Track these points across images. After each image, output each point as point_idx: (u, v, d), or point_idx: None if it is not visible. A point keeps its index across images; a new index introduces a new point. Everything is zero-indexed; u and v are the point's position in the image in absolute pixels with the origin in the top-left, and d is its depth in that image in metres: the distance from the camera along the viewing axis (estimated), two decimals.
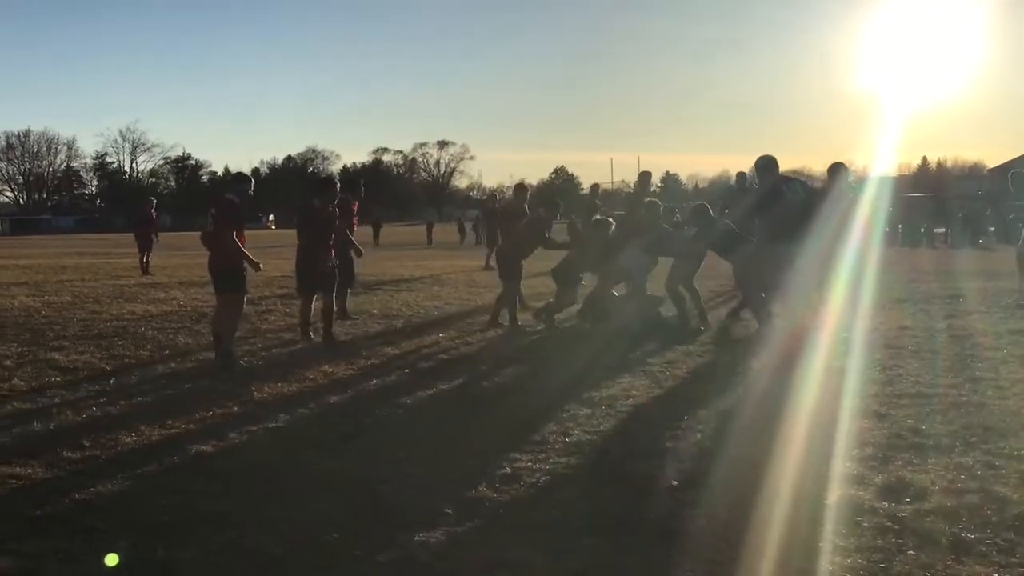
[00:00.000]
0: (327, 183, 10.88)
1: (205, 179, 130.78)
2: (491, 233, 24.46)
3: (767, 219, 10.00)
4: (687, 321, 11.41)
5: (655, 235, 11.52)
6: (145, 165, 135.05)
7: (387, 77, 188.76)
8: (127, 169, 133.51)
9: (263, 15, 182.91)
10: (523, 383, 8.31)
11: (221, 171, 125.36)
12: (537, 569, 4.03)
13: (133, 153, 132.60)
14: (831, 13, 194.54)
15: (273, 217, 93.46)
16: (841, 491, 4.97)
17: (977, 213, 40.51)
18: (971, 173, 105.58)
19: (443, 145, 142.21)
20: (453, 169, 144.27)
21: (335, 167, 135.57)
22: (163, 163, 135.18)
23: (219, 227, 9.05)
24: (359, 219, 13.27)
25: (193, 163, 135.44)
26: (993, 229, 39.94)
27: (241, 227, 9.14)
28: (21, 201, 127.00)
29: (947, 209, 40.31)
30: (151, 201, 24.17)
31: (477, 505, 4.86)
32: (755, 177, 10.57)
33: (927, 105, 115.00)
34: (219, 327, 9.18)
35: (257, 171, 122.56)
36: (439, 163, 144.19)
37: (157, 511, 4.83)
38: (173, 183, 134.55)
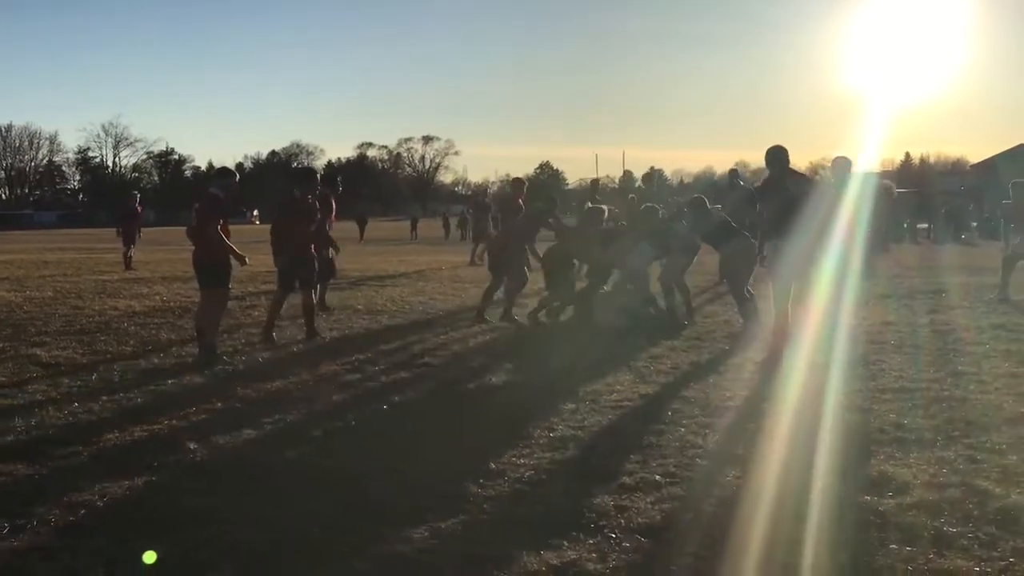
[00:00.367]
0: (307, 173, 10.82)
1: (188, 174, 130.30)
2: (478, 228, 24.48)
3: (767, 212, 9.95)
4: (674, 316, 11.43)
5: (652, 231, 11.53)
6: (128, 160, 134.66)
7: (372, 72, 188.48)
8: (110, 164, 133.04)
9: (248, 9, 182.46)
10: (508, 379, 8.31)
11: (205, 166, 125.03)
12: (520, 564, 4.02)
13: (116, 148, 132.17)
14: (817, 11, 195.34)
15: (258, 212, 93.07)
16: (824, 485, 4.98)
17: (960, 209, 40.71)
18: (954, 169, 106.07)
19: (428, 140, 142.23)
20: (438, 164, 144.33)
21: (319, 162, 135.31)
22: (146, 158, 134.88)
23: (203, 221, 9.01)
24: (339, 214, 13.27)
25: (176, 158, 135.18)
26: (975, 224, 40.18)
27: (226, 221, 9.10)
28: (3, 196, 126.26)
29: (930, 205, 40.43)
30: (135, 195, 24.03)
31: (461, 501, 4.85)
32: (765, 168, 10.38)
33: (911, 101, 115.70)
34: (202, 322, 9.14)
35: (241, 166, 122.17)
36: (424, 158, 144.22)
37: (141, 508, 4.81)
38: (156, 178, 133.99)
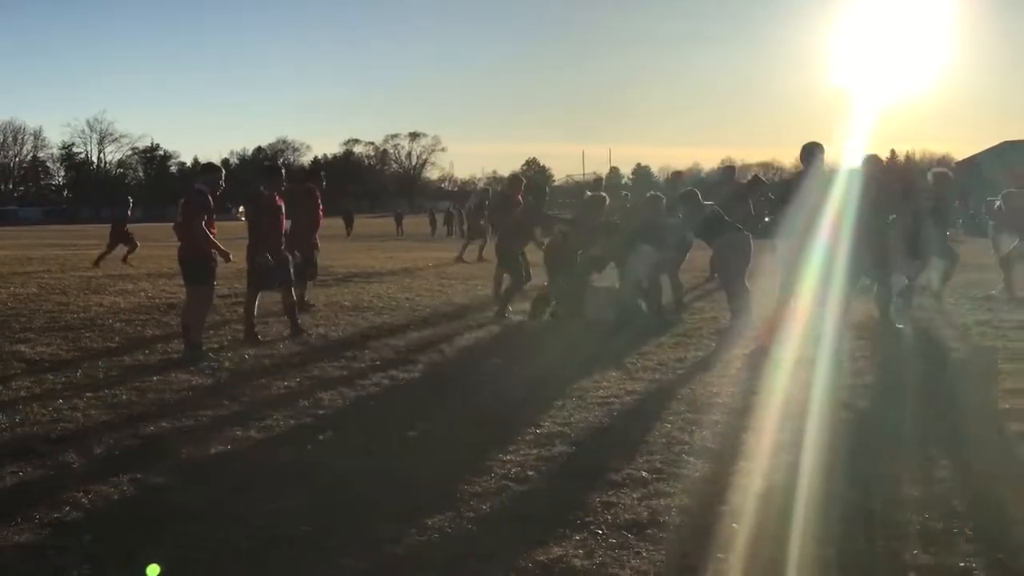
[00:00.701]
0: (272, 170, 10.69)
1: (174, 170, 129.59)
2: (474, 225, 24.56)
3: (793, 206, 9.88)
4: (659, 313, 11.44)
5: (647, 226, 11.50)
6: (113, 156, 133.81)
7: (359, 68, 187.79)
8: (95, 160, 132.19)
9: (234, 5, 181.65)
10: (495, 375, 8.30)
11: (190, 162, 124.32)
12: (507, 561, 4.02)
13: (101, 144, 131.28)
14: (804, 9, 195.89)
15: (243, 208, 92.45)
16: (809, 481, 5.00)
17: (946, 205, 40.78)
18: (939, 166, 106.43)
19: (414, 137, 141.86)
20: (424, 161, 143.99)
21: (306, 158, 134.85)
22: (131, 154, 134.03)
23: (188, 217, 8.97)
24: (326, 211, 13.27)
25: (162, 154, 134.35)
26: (960, 221, 40.34)
27: (211, 217, 9.05)
28: None
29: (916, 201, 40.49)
30: (129, 202, 23.79)
31: (448, 498, 4.84)
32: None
33: (896, 99, 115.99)
34: (188, 318, 9.11)
35: (227, 162, 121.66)
36: (410, 155, 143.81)
37: (125, 504, 4.79)
38: (142, 174, 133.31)
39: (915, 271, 10.19)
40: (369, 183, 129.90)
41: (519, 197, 12.87)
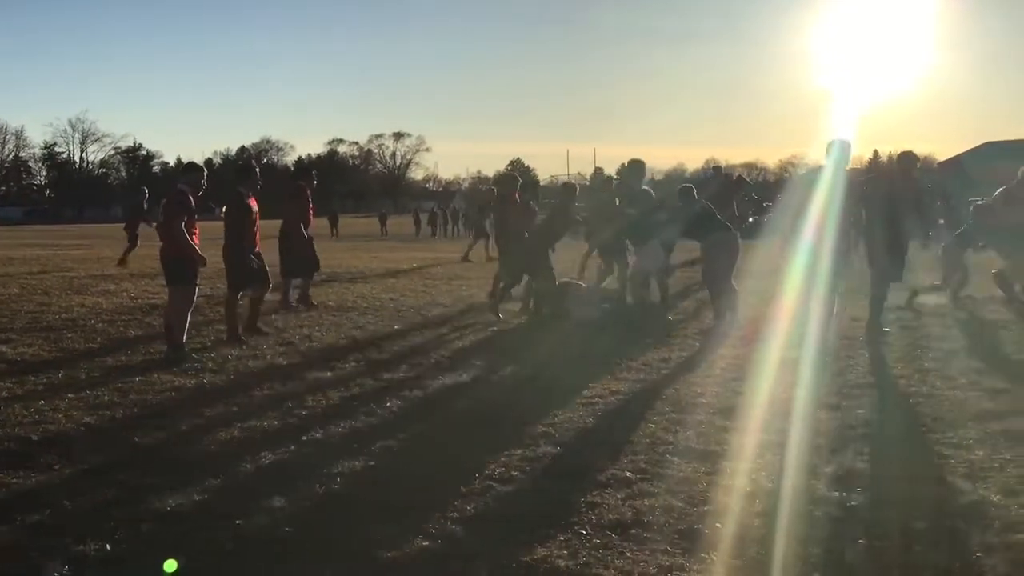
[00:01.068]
0: (247, 169, 10.67)
1: (157, 170, 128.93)
2: (478, 225, 25.03)
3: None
4: (646, 312, 11.45)
5: (639, 220, 11.51)
6: (95, 155, 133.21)
7: (343, 68, 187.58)
8: (77, 159, 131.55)
9: (217, 5, 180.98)
10: (479, 376, 8.29)
11: (173, 162, 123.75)
12: (491, 561, 4.02)
13: (83, 143, 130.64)
14: (788, 9, 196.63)
15: (224, 209, 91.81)
16: (793, 481, 5.01)
17: (927, 206, 41.02)
18: (922, 166, 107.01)
19: (399, 136, 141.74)
20: (409, 161, 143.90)
21: (289, 158, 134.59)
22: (114, 153, 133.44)
23: (168, 217, 8.93)
24: (315, 209, 13.34)
25: (145, 153, 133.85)
26: (943, 221, 40.55)
27: (192, 217, 9.02)
28: None
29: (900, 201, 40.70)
30: (143, 191, 23.22)
31: (431, 498, 4.83)
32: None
33: (879, 99, 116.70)
34: (171, 319, 9.07)
35: (210, 162, 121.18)
36: (395, 155, 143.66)
37: (106, 505, 4.76)
38: (124, 174, 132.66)
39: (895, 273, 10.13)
40: (353, 183, 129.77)
41: (516, 196, 12.87)
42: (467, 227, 56.67)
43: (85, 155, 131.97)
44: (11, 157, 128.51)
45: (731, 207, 12.28)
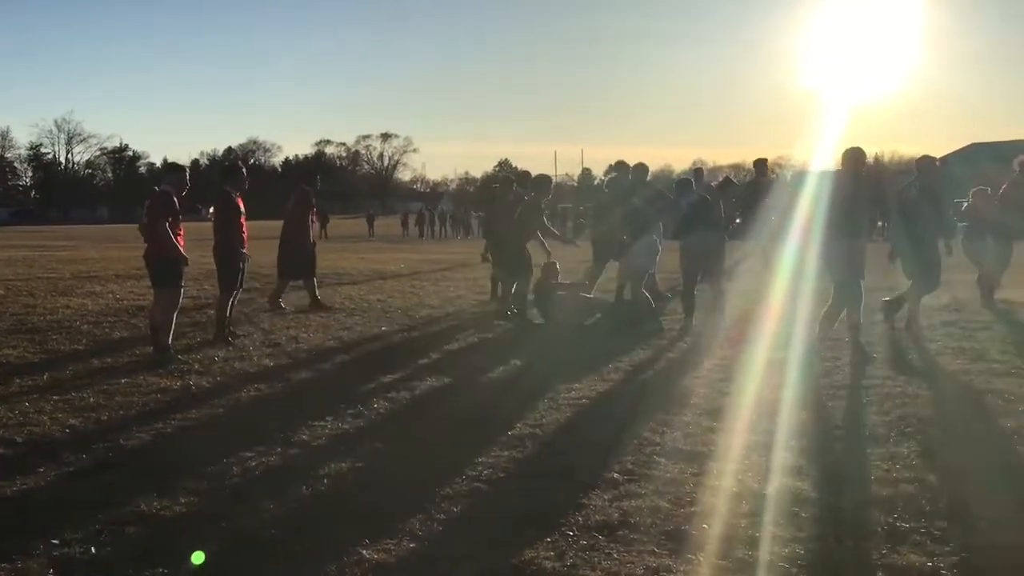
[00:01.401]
0: (234, 169, 10.68)
1: (143, 170, 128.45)
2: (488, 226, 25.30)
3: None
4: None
5: (639, 210, 11.48)
6: (81, 156, 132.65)
7: (330, 68, 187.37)
8: (63, 160, 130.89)
9: (203, 5, 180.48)
10: (466, 377, 8.28)
11: (160, 162, 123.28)
12: (477, 562, 4.01)
13: (69, 144, 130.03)
14: (774, 11, 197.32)
15: (213, 209, 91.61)
16: (779, 481, 5.03)
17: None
18: (908, 167, 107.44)
19: (386, 137, 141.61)
20: (396, 162, 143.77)
21: (277, 159, 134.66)
22: (100, 154, 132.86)
23: (152, 218, 8.91)
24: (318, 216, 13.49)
25: (131, 154, 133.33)
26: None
27: (177, 218, 8.99)
28: None
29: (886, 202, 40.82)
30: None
31: (418, 499, 4.83)
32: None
33: (866, 100, 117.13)
34: (156, 320, 9.04)
35: (197, 162, 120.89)
36: (382, 155, 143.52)
37: (90, 508, 4.73)
38: (110, 174, 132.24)
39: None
40: (341, 184, 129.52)
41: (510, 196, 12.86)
42: (454, 228, 57.08)
43: (71, 156, 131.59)
44: None
45: (718, 208, 12.25)
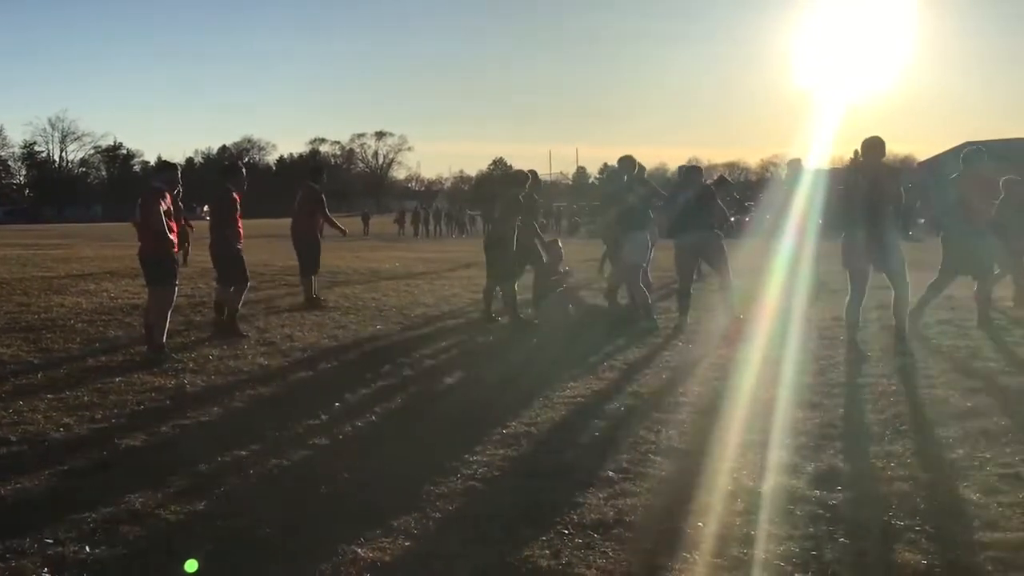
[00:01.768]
0: (234, 168, 10.84)
1: (137, 169, 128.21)
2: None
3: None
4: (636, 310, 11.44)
5: (635, 206, 11.47)
6: (75, 155, 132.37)
7: (324, 67, 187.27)
8: (57, 159, 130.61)
9: (197, 4, 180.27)
10: (461, 376, 8.28)
11: (154, 161, 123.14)
12: (472, 561, 4.01)
13: (63, 142, 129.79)
14: (767, 11, 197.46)
15: (208, 207, 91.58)
16: (775, 480, 5.03)
17: (907, 206, 41.22)
18: (902, 166, 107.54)
19: (381, 136, 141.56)
20: (391, 160, 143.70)
21: (271, 157, 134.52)
22: (94, 152, 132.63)
23: (145, 213, 8.91)
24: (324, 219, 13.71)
25: (125, 152, 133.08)
26: (923, 221, 40.82)
27: (169, 215, 8.99)
28: None
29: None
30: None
31: (412, 498, 4.82)
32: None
33: (859, 99, 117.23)
34: (151, 318, 9.02)
35: (191, 161, 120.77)
36: (377, 154, 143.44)
37: (85, 507, 4.71)
38: (104, 173, 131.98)
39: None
40: (336, 182, 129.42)
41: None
42: (449, 227, 57.10)
43: (65, 154, 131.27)
44: None
45: (717, 205, 12.23)
